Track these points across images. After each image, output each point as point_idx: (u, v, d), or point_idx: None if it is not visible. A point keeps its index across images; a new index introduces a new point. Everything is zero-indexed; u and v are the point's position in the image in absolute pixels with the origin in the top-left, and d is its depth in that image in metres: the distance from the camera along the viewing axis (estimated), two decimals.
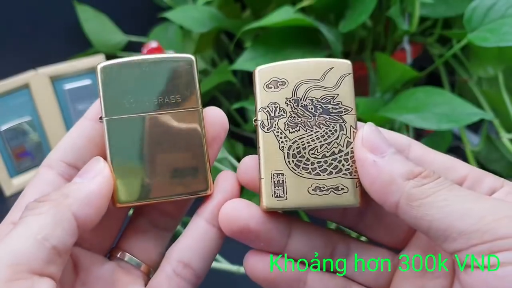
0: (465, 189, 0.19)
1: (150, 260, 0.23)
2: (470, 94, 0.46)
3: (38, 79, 0.53)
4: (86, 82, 0.56)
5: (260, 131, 0.21)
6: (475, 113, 0.36)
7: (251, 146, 0.51)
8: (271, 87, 0.21)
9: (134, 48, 0.64)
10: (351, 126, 0.21)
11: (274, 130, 0.21)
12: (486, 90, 0.45)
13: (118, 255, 0.23)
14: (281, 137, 0.21)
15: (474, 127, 0.48)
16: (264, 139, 0.21)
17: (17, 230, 0.17)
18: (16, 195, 0.54)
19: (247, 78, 0.58)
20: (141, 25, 0.61)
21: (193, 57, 0.22)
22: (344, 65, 0.21)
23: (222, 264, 0.37)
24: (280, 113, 0.21)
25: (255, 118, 0.21)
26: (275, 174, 0.21)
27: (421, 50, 0.51)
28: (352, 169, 0.21)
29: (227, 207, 0.21)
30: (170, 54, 0.22)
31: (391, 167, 0.19)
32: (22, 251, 0.17)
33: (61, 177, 0.21)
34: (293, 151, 0.21)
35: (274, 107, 0.21)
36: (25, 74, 0.52)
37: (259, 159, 0.21)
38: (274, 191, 0.21)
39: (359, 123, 0.21)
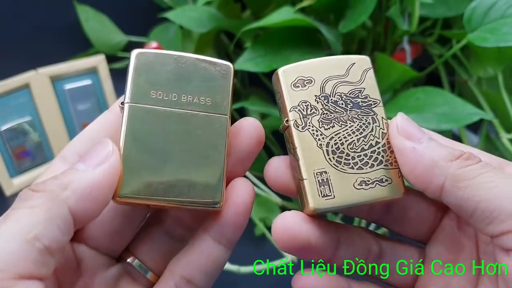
0: (509, 173, 0.19)
1: (159, 269, 0.21)
2: (469, 94, 0.46)
3: (38, 79, 0.53)
4: (86, 82, 0.56)
5: (294, 131, 0.20)
6: (475, 113, 0.36)
7: None
8: (299, 86, 0.21)
9: (134, 48, 0.64)
10: (382, 117, 0.21)
11: (309, 128, 0.20)
12: (485, 90, 0.45)
13: (127, 259, 0.21)
14: (317, 135, 0.20)
15: (474, 127, 0.48)
16: (300, 139, 0.20)
17: (5, 227, 0.15)
18: (16, 195, 0.54)
19: (247, 78, 0.58)
20: (141, 25, 0.62)
21: (231, 65, 0.21)
22: (364, 60, 0.22)
23: None
24: (312, 111, 0.21)
25: (286, 120, 0.21)
26: (318, 173, 0.20)
27: (421, 50, 0.51)
28: (392, 159, 0.21)
29: (283, 223, 0.19)
30: (210, 58, 0.21)
31: (431, 151, 0.19)
32: (7, 254, 0.15)
33: (78, 161, 0.19)
34: (331, 147, 0.20)
35: (305, 105, 0.21)
36: (25, 74, 0.52)
37: (297, 159, 0.20)
38: (321, 191, 0.20)
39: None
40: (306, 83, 0.21)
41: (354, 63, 0.21)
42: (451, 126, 0.36)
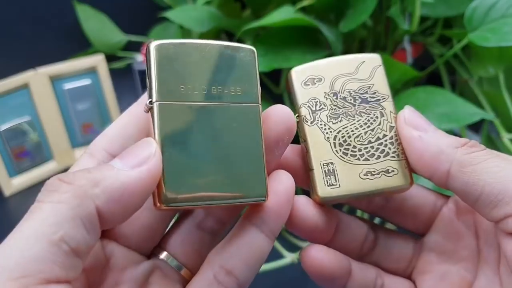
0: None
1: (193, 265, 0.21)
2: (470, 94, 0.46)
3: (37, 79, 0.53)
4: (86, 82, 0.56)
5: (304, 126, 0.22)
6: (476, 113, 0.36)
7: None
8: (309, 84, 0.22)
9: (134, 47, 0.64)
10: (390, 111, 0.22)
11: (318, 123, 0.22)
12: (486, 90, 0.45)
13: (159, 255, 0.21)
14: (325, 129, 0.22)
15: (475, 127, 0.48)
16: (309, 132, 0.22)
17: (29, 227, 0.14)
18: (16, 195, 0.54)
19: None
20: (141, 25, 0.61)
21: (254, 49, 0.20)
22: (374, 58, 0.23)
23: None
24: (321, 107, 0.22)
25: (297, 115, 0.22)
26: (324, 164, 0.21)
27: (422, 50, 0.51)
28: (399, 151, 0.21)
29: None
30: (232, 43, 0.20)
31: (438, 139, 0.20)
32: (32, 257, 0.14)
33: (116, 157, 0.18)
34: (338, 140, 0.22)
35: (314, 102, 0.22)
36: (24, 74, 0.52)
37: (307, 151, 0.22)
38: (327, 180, 0.21)
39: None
40: (316, 81, 0.22)
41: (364, 61, 0.22)
42: (452, 126, 0.36)
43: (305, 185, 0.22)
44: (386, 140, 0.22)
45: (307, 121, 0.22)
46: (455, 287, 0.21)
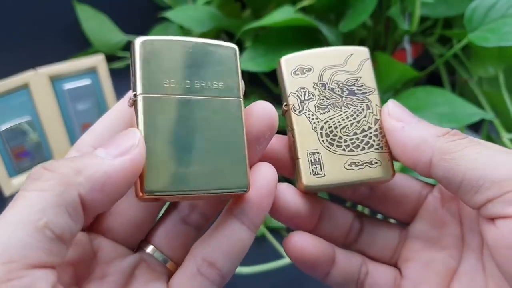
0: (495, 144, 0.19)
1: (178, 258, 0.21)
2: (470, 94, 0.46)
3: (37, 79, 0.53)
4: (86, 82, 0.56)
5: (292, 114, 0.22)
6: (476, 113, 0.36)
7: None
8: (298, 74, 0.23)
9: None
10: (376, 104, 0.23)
11: (306, 112, 0.22)
12: (486, 90, 0.45)
13: (145, 248, 0.21)
14: (312, 119, 0.22)
15: (475, 127, 0.48)
16: (297, 122, 0.22)
17: (14, 213, 0.15)
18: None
19: (247, 78, 0.58)
20: (141, 25, 0.61)
21: (236, 47, 0.21)
22: (362, 51, 0.23)
23: None
24: (309, 97, 0.22)
25: (285, 103, 0.22)
26: (311, 153, 0.22)
27: (422, 50, 0.51)
28: (383, 143, 0.22)
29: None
30: (214, 41, 0.21)
31: (420, 129, 0.20)
32: (18, 243, 0.14)
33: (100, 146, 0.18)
34: (325, 130, 0.22)
35: (303, 91, 0.22)
36: (24, 74, 0.52)
37: (294, 140, 0.22)
38: (312, 169, 0.22)
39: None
40: (306, 71, 0.23)
41: (353, 54, 0.23)
42: (452, 126, 0.36)
43: (291, 175, 0.23)
44: (371, 132, 0.22)
45: (295, 110, 0.22)
46: (439, 274, 0.22)
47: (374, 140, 0.22)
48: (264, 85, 0.55)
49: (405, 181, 0.23)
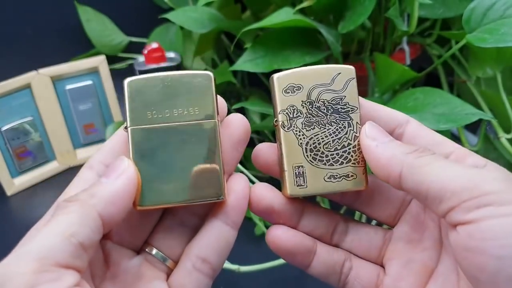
0: (458, 162, 0.22)
1: (176, 256, 0.24)
2: (468, 95, 0.46)
3: (39, 79, 0.53)
4: (87, 82, 0.56)
5: (281, 131, 0.24)
6: (474, 113, 0.37)
7: (252, 146, 0.51)
8: (289, 92, 0.24)
9: (135, 49, 0.64)
10: (357, 122, 0.25)
11: (293, 129, 0.24)
12: (484, 91, 0.45)
13: (147, 249, 0.24)
14: (299, 135, 0.24)
15: (473, 127, 0.48)
16: (285, 137, 0.24)
17: (48, 227, 0.19)
18: (18, 194, 0.54)
19: (247, 79, 0.59)
20: (142, 26, 0.62)
21: (211, 74, 0.24)
22: (349, 70, 0.25)
23: None
24: (297, 114, 0.24)
25: (275, 119, 0.25)
26: (296, 166, 0.24)
27: (420, 51, 0.51)
28: (359, 158, 0.24)
29: (256, 189, 0.24)
30: (191, 71, 0.24)
31: (392, 147, 0.23)
32: (51, 246, 0.18)
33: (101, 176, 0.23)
34: (310, 146, 0.24)
35: (292, 109, 0.24)
36: (26, 74, 0.52)
37: (281, 154, 0.24)
38: (296, 181, 0.24)
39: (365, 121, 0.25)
40: (296, 89, 0.24)
41: (340, 73, 0.25)
42: (450, 126, 0.36)
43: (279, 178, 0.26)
44: (349, 148, 0.24)
45: (284, 127, 0.24)
46: (418, 273, 0.24)
47: (352, 156, 0.24)
48: (264, 86, 0.55)
49: (390, 187, 0.24)
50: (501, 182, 0.20)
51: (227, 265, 0.38)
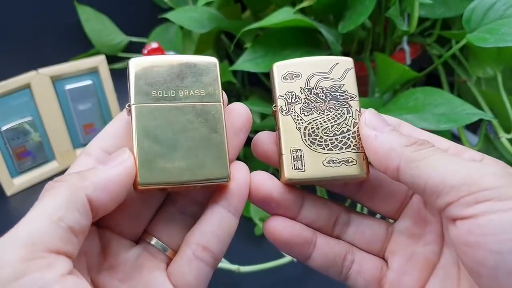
0: (454, 155, 0.22)
1: (176, 245, 0.24)
2: (469, 95, 0.46)
3: (39, 79, 0.53)
4: (87, 82, 0.56)
5: (279, 115, 0.24)
6: (474, 113, 0.37)
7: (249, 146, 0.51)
8: (287, 79, 0.25)
9: (134, 48, 0.64)
10: (356, 109, 0.25)
11: (291, 113, 0.24)
12: (485, 91, 0.45)
13: (146, 239, 0.24)
14: (297, 119, 0.24)
15: (473, 127, 0.48)
16: (283, 121, 0.24)
17: (34, 211, 0.18)
18: (17, 195, 0.54)
19: (247, 79, 0.58)
20: (142, 26, 0.62)
21: (216, 59, 0.24)
22: (347, 61, 0.25)
23: (222, 263, 0.37)
24: (296, 100, 0.25)
25: (274, 105, 0.25)
26: (294, 150, 0.24)
27: (420, 51, 0.51)
28: (359, 145, 0.24)
29: (255, 177, 0.24)
30: (196, 56, 0.24)
31: (390, 139, 0.22)
32: (38, 231, 0.17)
33: (98, 163, 0.22)
34: (308, 130, 0.24)
35: (291, 95, 0.25)
36: (26, 74, 0.52)
37: (279, 138, 0.24)
38: (294, 164, 0.24)
39: (362, 109, 0.25)
40: (294, 77, 0.25)
41: (338, 63, 0.25)
42: (450, 126, 0.36)
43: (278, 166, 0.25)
44: (349, 134, 0.24)
45: (282, 111, 0.24)
46: (421, 267, 0.24)
47: (351, 142, 0.24)
48: (264, 86, 0.55)
49: (393, 181, 0.24)
50: (500, 177, 0.20)
51: (227, 265, 0.38)
